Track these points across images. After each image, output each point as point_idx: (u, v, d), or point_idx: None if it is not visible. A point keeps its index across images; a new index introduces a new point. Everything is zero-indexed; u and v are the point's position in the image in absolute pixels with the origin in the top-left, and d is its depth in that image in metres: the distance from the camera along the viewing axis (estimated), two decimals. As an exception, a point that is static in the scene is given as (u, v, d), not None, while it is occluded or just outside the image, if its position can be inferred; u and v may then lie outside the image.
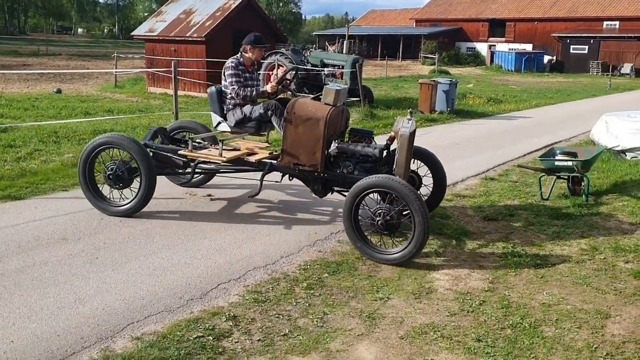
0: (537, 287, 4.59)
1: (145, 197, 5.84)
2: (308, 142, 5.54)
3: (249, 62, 6.39)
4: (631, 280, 4.73)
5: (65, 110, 14.46)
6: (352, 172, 5.60)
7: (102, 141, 5.91)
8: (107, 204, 5.98)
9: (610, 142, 9.79)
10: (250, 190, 6.97)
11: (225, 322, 3.90)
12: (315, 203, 6.73)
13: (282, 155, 5.75)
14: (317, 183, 5.75)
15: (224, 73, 6.28)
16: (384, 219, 4.95)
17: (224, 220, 6.01)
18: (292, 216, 6.27)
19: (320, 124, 5.43)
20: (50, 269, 4.58)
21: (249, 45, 6.30)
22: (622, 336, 3.84)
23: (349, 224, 5.08)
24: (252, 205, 6.54)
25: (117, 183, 5.94)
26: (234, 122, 6.26)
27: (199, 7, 20.54)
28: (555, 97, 22.75)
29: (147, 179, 5.77)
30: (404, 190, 4.84)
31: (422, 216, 4.76)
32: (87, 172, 5.93)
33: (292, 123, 5.55)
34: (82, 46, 58.88)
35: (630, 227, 6.08)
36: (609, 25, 47.48)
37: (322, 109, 5.49)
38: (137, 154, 5.77)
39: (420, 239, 4.81)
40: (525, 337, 3.81)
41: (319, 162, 5.56)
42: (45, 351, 3.43)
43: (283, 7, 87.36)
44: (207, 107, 16.10)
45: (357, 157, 5.66)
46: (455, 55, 52.06)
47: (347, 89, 6.01)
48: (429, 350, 3.63)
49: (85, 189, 5.97)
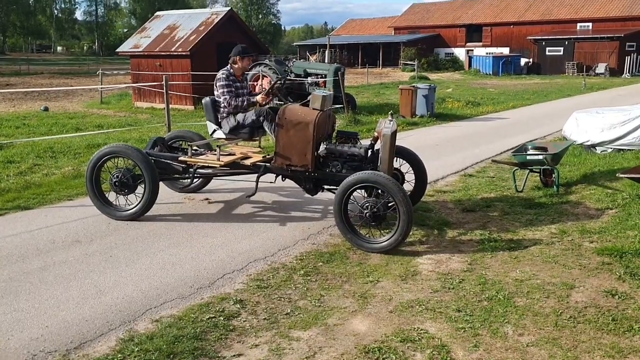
0: (511, 266, 5.11)
1: (149, 201, 6.30)
2: (299, 144, 6.03)
3: (239, 72, 6.85)
4: (594, 257, 5.27)
5: (56, 127, 14.85)
6: (340, 171, 6.10)
7: (107, 151, 6.38)
8: (113, 209, 6.42)
9: (580, 137, 10.39)
10: (245, 192, 7.43)
11: (233, 305, 4.36)
12: (306, 202, 7.22)
13: (275, 158, 6.22)
14: (309, 182, 6.24)
15: (215, 85, 6.75)
16: (372, 211, 5.44)
17: (223, 220, 6.48)
18: (286, 214, 6.75)
19: (309, 127, 5.93)
20: (70, 266, 5.02)
21: (238, 56, 6.76)
22: (584, 302, 4.36)
23: (340, 217, 5.57)
24: (248, 206, 7.01)
25: (122, 189, 6.39)
26: (229, 129, 6.71)
27: (183, 23, 21.03)
28: (531, 98, 23.49)
29: (150, 185, 6.22)
30: (389, 184, 5.35)
31: (406, 207, 5.27)
32: (94, 180, 6.38)
33: (284, 127, 6.05)
34: (63, 64, 58.93)
35: (596, 212, 6.64)
36: (583, 27, 48.71)
37: (311, 113, 6.00)
38: (141, 162, 6.23)
39: (405, 228, 5.32)
40: (499, 307, 4.32)
41: (309, 162, 6.05)
42: (77, 333, 3.89)
43: (263, 19, 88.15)
44: (193, 119, 16.60)
45: (345, 157, 6.17)
46: (434, 61, 53.00)
47: (332, 95, 6.52)
48: (415, 321, 4.13)
49: (92, 195, 6.42)
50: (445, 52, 55.88)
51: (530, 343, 3.79)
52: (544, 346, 3.75)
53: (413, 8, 63.06)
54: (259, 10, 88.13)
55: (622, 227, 5.98)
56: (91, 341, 3.81)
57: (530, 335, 3.88)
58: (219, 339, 3.85)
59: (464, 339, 3.86)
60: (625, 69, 42.98)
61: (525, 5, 53.47)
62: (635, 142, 9.80)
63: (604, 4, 48.81)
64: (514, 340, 3.82)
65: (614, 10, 47.59)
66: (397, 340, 3.83)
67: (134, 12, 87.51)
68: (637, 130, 9.79)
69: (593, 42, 45.22)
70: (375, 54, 55.23)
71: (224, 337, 3.89)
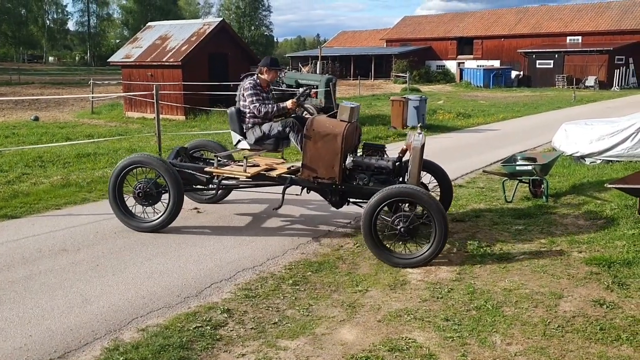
0: (500, 276, 5.10)
1: (174, 212, 6.15)
2: (327, 156, 5.93)
3: (264, 83, 6.69)
4: (583, 266, 5.28)
5: (46, 136, 14.76)
6: (367, 184, 6.02)
7: (131, 161, 6.25)
8: (137, 221, 6.28)
9: (570, 149, 10.46)
10: (233, 201, 7.40)
11: (221, 314, 4.33)
12: (296, 212, 7.20)
13: (302, 170, 6.11)
14: (335, 195, 6.13)
15: (242, 94, 6.57)
16: (406, 225, 5.37)
17: (212, 230, 6.44)
18: (275, 224, 6.73)
19: (338, 139, 5.85)
20: (56, 275, 4.97)
21: (265, 67, 6.64)
22: (572, 312, 4.36)
23: (369, 232, 5.39)
24: (237, 216, 6.98)
25: (146, 200, 6.26)
26: (254, 139, 6.54)
27: (174, 33, 21.04)
28: (522, 110, 23.63)
29: (175, 196, 6.08)
30: (425, 196, 5.33)
31: (442, 218, 5.25)
32: (117, 190, 6.23)
33: (312, 139, 5.93)
34: (55, 74, 58.71)
35: (584, 223, 6.66)
36: (572, 40, 49.15)
37: (339, 125, 5.92)
38: (165, 173, 6.08)
39: (442, 239, 5.28)
40: (488, 316, 4.31)
41: (337, 175, 5.95)
42: (61, 342, 3.84)
43: (255, 31, 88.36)
44: (185, 129, 16.57)
45: (372, 170, 6.08)
46: (425, 73, 53.25)
47: (360, 107, 6.41)
48: (403, 330, 4.11)
49: (114, 206, 6.26)
50: (436, 65, 56.19)
51: (518, 352, 3.77)
52: (532, 355, 3.74)
53: (405, 21, 63.44)
54: (252, 21, 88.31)
55: (610, 237, 6.00)
56: (75, 350, 3.76)
57: (519, 345, 3.87)
58: (206, 349, 3.82)
59: (452, 348, 3.84)
60: (614, 82, 43.35)
61: (515, 18, 53.94)
62: (624, 154, 9.87)
63: (594, 18, 49.33)
64: (502, 350, 3.81)
65: (603, 24, 48.09)
66: (385, 350, 3.81)
67: (126, 23, 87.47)
68: (626, 141, 9.86)
69: (583, 55, 45.62)
70: (367, 66, 55.46)
71: (211, 346, 3.85)
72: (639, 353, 3.74)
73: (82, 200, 7.71)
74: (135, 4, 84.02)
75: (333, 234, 6.42)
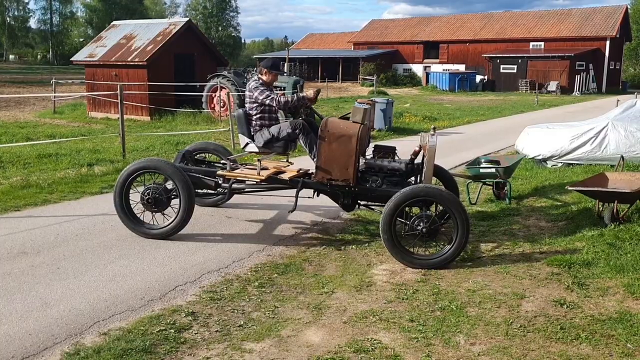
0: (464, 277, 5.17)
1: (184, 219, 5.94)
2: (341, 158, 5.84)
3: (265, 83, 6.52)
4: (544, 267, 5.38)
5: (5, 136, 14.41)
6: (380, 186, 5.98)
7: (140, 166, 6.01)
8: (145, 227, 6.04)
9: (532, 152, 10.65)
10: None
11: (185, 317, 4.27)
12: (262, 214, 7.16)
13: (316, 172, 6.00)
14: (348, 197, 6.07)
15: (251, 94, 6.38)
16: (428, 226, 5.38)
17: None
18: (241, 226, 6.68)
19: (352, 140, 5.78)
20: (14, 279, 4.84)
21: (266, 69, 6.49)
22: (534, 312, 4.44)
23: (389, 234, 5.37)
24: (202, 218, 6.90)
25: (155, 206, 6.04)
26: (262, 142, 6.37)
27: (140, 33, 20.75)
28: (486, 114, 24.01)
29: (186, 201, 5.87)
30: (445, 195, 5.36)
31: (464, 217, 5.29)
32: (124, 196, 5.99)
33: (326, 140, 5.83)
34: (15, 73, 57.30)
35: (546, 225, 6.80)
36: (535, 46, 50.20)
37: (353, 126, 5.84)
38: (176, 178, 5.86)
39: (464, 238, 5.32)
40: (452, 316, 4.35)
41: (351, 176, 5.87)
42: (19, 347, 3.74)
43: (222, 31, 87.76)
44: (149, 130, 16.33)
45: (385, 172, 6.04)
46: (392, 76, 53.66)
47: (372, 109, 6.31)
48: (369, 331, 4.12)
49: (121, 213, 6.01)
50: (403, 68, 56.70)
51: (481, 352, 3.82)
52: (494, 355, 3.79)
53: (372, 24, 63.86)
54: (219, 22, 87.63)
55: (571, 238, 6.13)
56: (34, 356, 3.67)
57: (482, 345, 3.92)
58: (170, 352, 3.76)
59: (416, 348, 3.87)
60: (575, 87, 44.43)
61: (480, 23, 54.83)
62: (584, 157, 10.10)
63: (555, 24, 50.48)
64: (466, 350, 3.86)
65: (565, 31, 49.26)
66: (350, 351, 3.81)
67: (90, 22, 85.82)
68: (586, 145, 10.09)
69: (545, 60, 46.65)
70: (334, 68, 55.62)
71: (175, 349, 3.80)
72: (597, 351, 3.83)
73: (42, 201, 7.52)
74: (99, 3, 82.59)
75: (300, 236, 6.40)
